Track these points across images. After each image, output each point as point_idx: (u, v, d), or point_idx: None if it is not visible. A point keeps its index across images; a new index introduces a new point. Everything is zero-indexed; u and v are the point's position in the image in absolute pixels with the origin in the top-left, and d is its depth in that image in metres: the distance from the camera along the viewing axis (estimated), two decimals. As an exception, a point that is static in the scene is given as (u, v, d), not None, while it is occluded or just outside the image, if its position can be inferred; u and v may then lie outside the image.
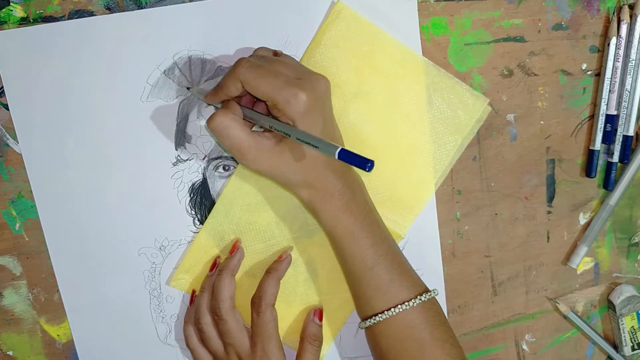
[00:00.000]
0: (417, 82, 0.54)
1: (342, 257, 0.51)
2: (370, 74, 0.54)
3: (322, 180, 0.48)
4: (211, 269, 0.54)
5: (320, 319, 0.56)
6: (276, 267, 0.54)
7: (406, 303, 0.49)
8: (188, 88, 0.52)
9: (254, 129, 0.49)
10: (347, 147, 0.52)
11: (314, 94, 0.46)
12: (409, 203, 0.56)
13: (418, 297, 0.50)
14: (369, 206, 0.51)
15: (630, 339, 0.63)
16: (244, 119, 0.48)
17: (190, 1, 0.51)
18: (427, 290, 0.51)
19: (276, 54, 0.50)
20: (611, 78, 0.58)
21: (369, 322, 0.51)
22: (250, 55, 0.49)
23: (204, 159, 0.54)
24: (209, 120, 0.46)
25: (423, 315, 0.50)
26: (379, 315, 0.50)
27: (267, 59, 0.48)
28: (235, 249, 0.54)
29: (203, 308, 0.53)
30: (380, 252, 0.50)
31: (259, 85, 0.45)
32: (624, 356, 0.64)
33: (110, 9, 0.50)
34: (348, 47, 0.53)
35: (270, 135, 0.47)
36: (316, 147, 0.43)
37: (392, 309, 0.49)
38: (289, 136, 0.45)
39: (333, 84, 0.53)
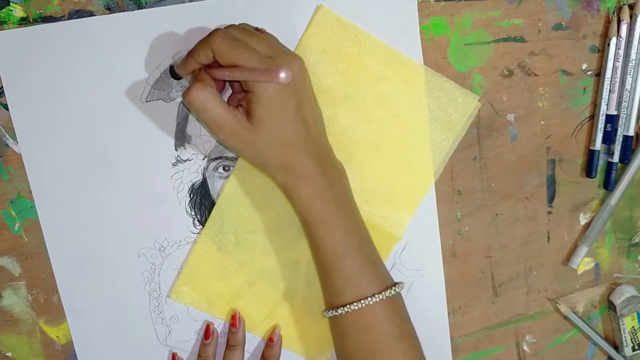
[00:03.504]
0: (405, 83, 0.54)
1: (313, 245, 0.51)
2: (358, 76, 0.54)
3: (298, 165, 0.48)
4: (206, 338, 0.55)
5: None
6: (271, 353, 0.55)
7: (376, 295, 0.49)
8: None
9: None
10: (339, 150, 0.52)
11: None
12: (404, 203, 0.56)
13: (388, 290, 0.49)
14: (346, 196, 0.51)
15: (631, 339, 0.63)
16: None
17: (190, 1, 0.51)
18: (394, 284, 0.51)
19: (258, 29, 0.49)
20: (611, 78, 0.58)
21: (338, 312, 0.50)
22: (230, 25, 0.48)
23: (203, 159, 0.54)
24: (185, 94, 0.46)
25: (391, 308, 0.50)
26: (348, 306, 0.49)
27: (245, 32, 0.47)
28: (235, 320, 0.55)
29: None
30: (353, 242, 0.49)
31: (231, 58, 0.44)
32: (624, 357, 0.63)
33: (110, 9, 0.50)
34: (335, 51, 0.53)
35: (244, 110, 0.47)
36: None
37: (362, 301, 0.49)
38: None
39: (321, 88, 0.53)
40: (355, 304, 0.49)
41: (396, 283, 0.51)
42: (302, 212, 0.49)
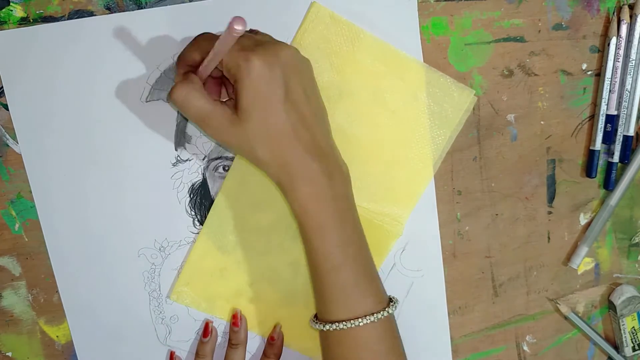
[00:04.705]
0: (401, 78, 0.54)
1: (307, 251, 0.48)
2: (353, 73, 0.54)
3: (293, 161, 0.44)
4: (205, 335, 0.55)
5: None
6: (273, 351, 0.55)
7: (367, 317, 0.47)
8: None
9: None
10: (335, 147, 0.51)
11: (269, 59, 0.42)
12: (402, 199, 0.56)
13: (380, 312, 0.47)
14: (347, 200, 0.47)
15: (631, 339, 0.63)
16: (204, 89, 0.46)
17: (190, 1, 0.51)
18: (389, 301, 0.49)
19: (251, 31, 0.48)
20: (611, 78, 0.58)
21: (326, 327, 0.48)
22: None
23: (203, 159, 0.54)
24: (169, 94, 0.45)
25: (382, 328, 0.48)
26: (337, 324, 0.47)
27: None
28: (237, 319, 0.55)
29: None
30: (349, 252, 0.47)
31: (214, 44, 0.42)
32: (624, 357, 0.63)
33: (110, 9, 0.50)
34: (329, 48, 0.53)
35: (232, 103, 0.45)
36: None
37: (352, 321, 0.47)
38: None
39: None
40: (344, 322, 0.47)
41: (390, 300, 0.50)
42: (298, 214, 0.46)
